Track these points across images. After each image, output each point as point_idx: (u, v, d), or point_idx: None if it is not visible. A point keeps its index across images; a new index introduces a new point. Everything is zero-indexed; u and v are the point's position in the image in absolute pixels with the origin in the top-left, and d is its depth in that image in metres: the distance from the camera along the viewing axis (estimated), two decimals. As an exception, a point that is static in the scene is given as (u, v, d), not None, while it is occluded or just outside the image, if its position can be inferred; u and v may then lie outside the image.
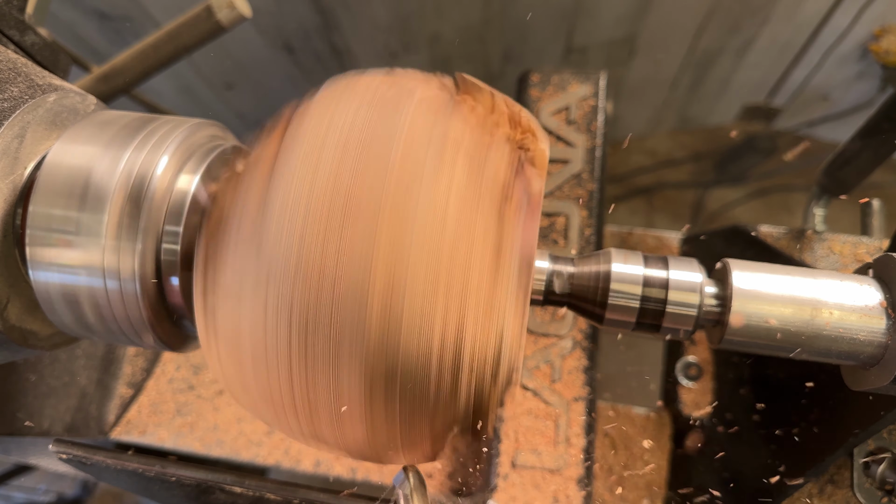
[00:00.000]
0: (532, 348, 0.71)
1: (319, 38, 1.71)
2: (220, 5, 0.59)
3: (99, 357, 0.81)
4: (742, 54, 2.07)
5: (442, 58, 1.89)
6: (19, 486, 1.56)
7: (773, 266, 0.39)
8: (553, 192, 0.77)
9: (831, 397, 0.58)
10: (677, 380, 0.79)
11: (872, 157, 0.66)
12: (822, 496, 0.58)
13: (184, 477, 0.44)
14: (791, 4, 1.86)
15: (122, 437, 0.82)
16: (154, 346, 0.42)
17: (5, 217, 0.39)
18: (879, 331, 0.36)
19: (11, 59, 0.42)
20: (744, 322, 0.37)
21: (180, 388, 0.85)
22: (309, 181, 0.32)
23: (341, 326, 0.31)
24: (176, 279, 0.39)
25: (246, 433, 0.81)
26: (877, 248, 0.67)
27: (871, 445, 0.57)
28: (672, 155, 2.47)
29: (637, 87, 2.20)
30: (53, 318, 0.41)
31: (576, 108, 0.80)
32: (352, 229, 0.31)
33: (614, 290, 0.38)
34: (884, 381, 0.36)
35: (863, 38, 2.01)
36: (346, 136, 0.33)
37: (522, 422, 0.69)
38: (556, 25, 1.88)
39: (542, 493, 0.66)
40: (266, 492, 0.44)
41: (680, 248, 0.86)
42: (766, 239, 0.71)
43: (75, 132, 0.41)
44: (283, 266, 0.32)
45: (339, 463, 0.79)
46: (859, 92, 2.20)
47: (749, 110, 2.40)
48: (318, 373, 0.33)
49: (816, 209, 0.74)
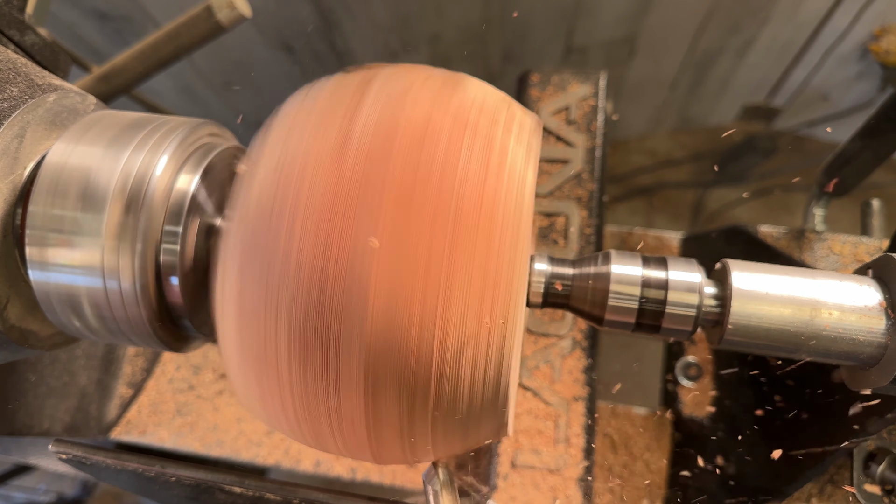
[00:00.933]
0: (532, 348, 0.71)
1: (319, 38, 1.71)
2: (220, 5, 0.59)
3: (99, 357, 0.81)
4: (742, 54, 2.07)
5: (442, 58, 1.89)
6: (19, 486, 1.56)
7: (773, 266, 0.39)
8: (553, 192, 0.77)
9: (831, 397, 0.58)
10: (677, 380, 0.79)
11: (872, 157, 0.66)
12: (822, 496, 0.58)
13: (184, 477, 0.44)
14: (791, 4, 1.86)
15: (122, 437, 0.82)
16: (154, 346, 0.42)
17: (5, 217, 0.39)
18: (879, 331, 0.36)
19: (11, 59, 0.42)
20: (743, 322, 0.37)
21: (180, 388, 0.85)
22: (310, 177, 0.32)
23: (341, 326, 0.31)
24: (175, 279, 0.39)
25: (246, 433, 0.81)
26: (877, 248, 0.67)
27: (871, 445, 0.57)
28: (672, 155, 2.47)
29: (637, 87, 2.20)
30: (53, 318, 0.41)
31: (576, 108, 0.80)
32: (353, 226, 0.31)
33: (614, 291, 0.38)
34: (884, 381, 0.36)
35: (863, 38, 2.01)
36: (346, 132, 0.33)
37: (522, 422, 0.69)
38: (556, 25, 1.88)
39: (541, 493, 0.66)
40: (266, 492, 0.44)
41: (680, 248, 0.86)
42: (766, 239, 0.71)
43: (75, 132, 0.41)
44: (281, 265, 0.32)
45: (339, 463, 0.79)
46: (859, 92, 2.20)
47: (749, 110, 2.40)
48: (317, 374, 0.33)
49: (816, 209, 0.74)
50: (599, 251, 0.46)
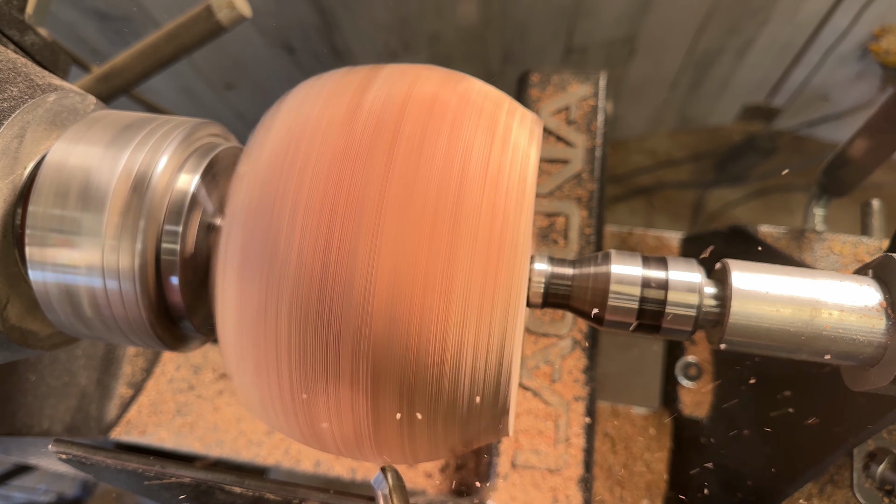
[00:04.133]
0: (532, 348, 0.71)
1: (319, 38, 1.71)
2: (220, 5, 0.59)
3: (99, 357, 0.81)
4: (742, 54, 2.07)
5: (442, 58, 1.89)
6: (19, 486, 1.56)
7: (773, 266, 0.39)
8: (553, 192, 0.77)
9: (831, 397, 0.58)
10: (677, 380, 0.79)
11: (872, 157, 0.66)
12: (822, 496, 0.58)
13: (184, 477, 0.44)
14: (791, 4, 1.86)
15: (122, 437, 0.82)
16: (154, 346, 0.42)
17: (5, 217, 0.39)
18: (879, 331, 0.36)
19: (11, 59, 0.42)
20: (743, 322, 0.37)
21: (180, 388, 0.85)
22: (310, 174, 0.32)
23: (341, 324, 0.31)
24: (175, 279, 0.39)
25: (246, 433, 0.81)
26: (877, 248, 0.67)
27: (871, 445, 0.57)
28: (672, 155, 2.47)
29: (637, 87, 2.20)
30: (53, 317, 0.41)
31: (576, 108, 0.80)
32: (353, 224, 0.31)
33: (614, 291, 0.38)
34: (884, 381, 0.36)
35: (863, 38, 2.01)
36: (357, 103, 0.34)
37: (522, 422, 0.69)
38: (556, 25, 1.88)
39: (541, 493, 0.66)
40: (266, 492, 0.44)
41: (680, 248, 0.86)
42: (766, 239, 0.71)
43: (75, 132, 0.41)
44: (282, 263, 0.32)
45: (339, 463, 0.79)
46: (859, 92, 2.20)
47: (749, 110, 2.40)
48: (318, 374, 0.33)
49: (816, 209, 0.74)
50: (599, 251, 0.46)
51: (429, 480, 0.76)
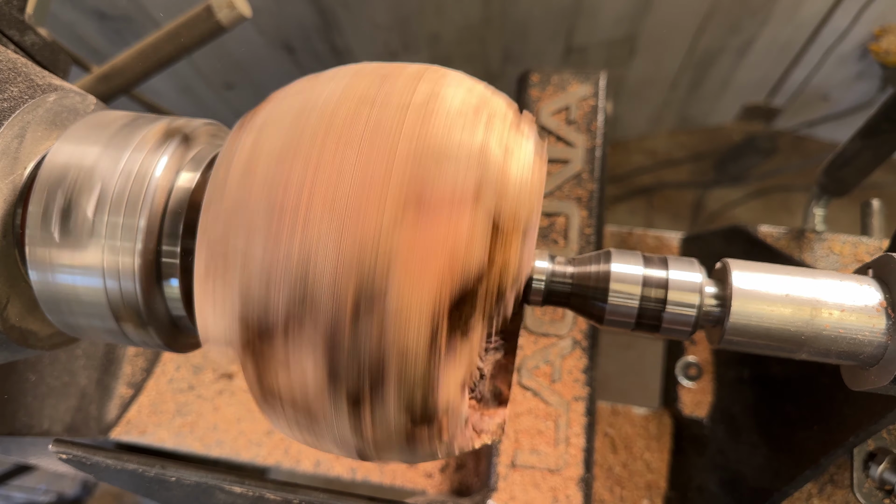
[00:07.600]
0: (532, 348, 0.71)
1: (319, 38, 1.71)
2: (220, 5, 0.59)
3: (99, 357, 0.81)
4: (742, 54, 2.07)
5: (442, 58, 1.89)
6: (19, 486, 1.56)
7: (773, 266, 0.38)
8: (553, 192, 0.77)
9: (831, 397, 0.58)
10: (677, 380, 0.79)
11: (872, 157, 0.66)
12: (822, 496, 0.58)
13: (184, 477, 0.44)
14: (791, 4, 1.86)
15: (122, 437, 0.82)
16: (154, 347, 0.42)
17: (5, 217, 0.39)
18: (879, 331, 0.36)
19: (11, 59, 0.42)
20: (743, 322, 0.37)
21: (180, 388, 0.85)
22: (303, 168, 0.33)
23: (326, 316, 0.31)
24: (175, 279, 0.39)
25: (246, 433, 0.81)
26: (877, 248, 0.67)
27: (871, 445, 0.57)
28: (672, 155, 2.47)
29: (637, 87, 2.20)
30: (53, 317, 0.41)
31: (576, 108, 0.80)
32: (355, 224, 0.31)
33: (614, 290, 0.38)
34: (884, 381, 0.36)
35: (863, 38, 2.01)
36: (350, 126, 0.34)
37: (522, 422, 0.69)
38: (556, 25, 1.88)
39: (541, 493, 0.66)
40: (266, 492, 0.44)
41: (680, 248, 0.86)
42: (766, 239, 0.71)
43: (75, 132, 0.41)
44: (275, 235, 0.32)
45: (339, 463, 0.79)
46: (859, 92, 2.20)
47: (749, 110, 2.40)
48: (317, 374, 0.33)
49: (816, 209, 0.74)
50: (600, 250, 0.46)
51: (429, 480, 0.76)
